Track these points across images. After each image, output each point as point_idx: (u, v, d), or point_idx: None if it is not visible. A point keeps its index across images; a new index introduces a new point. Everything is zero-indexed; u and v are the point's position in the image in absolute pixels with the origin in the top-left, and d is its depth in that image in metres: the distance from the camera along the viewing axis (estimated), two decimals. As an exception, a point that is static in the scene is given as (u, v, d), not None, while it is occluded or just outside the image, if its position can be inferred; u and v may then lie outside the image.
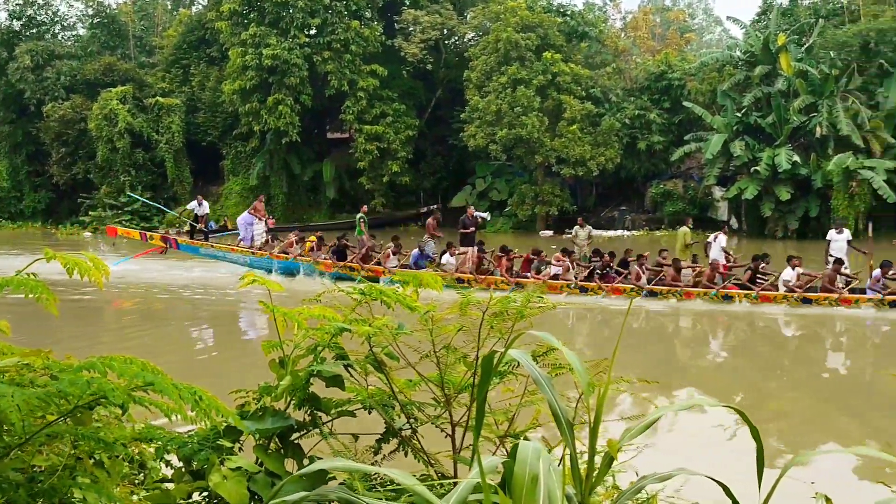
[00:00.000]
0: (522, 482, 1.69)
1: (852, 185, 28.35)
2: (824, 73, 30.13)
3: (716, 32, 62.17)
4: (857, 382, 11.17)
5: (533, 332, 2.47)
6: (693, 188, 32.65)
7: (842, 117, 28.95)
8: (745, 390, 10.18)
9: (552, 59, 31.94)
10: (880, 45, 30.28)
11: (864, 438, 8.10)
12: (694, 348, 14.40)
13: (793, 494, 3.94)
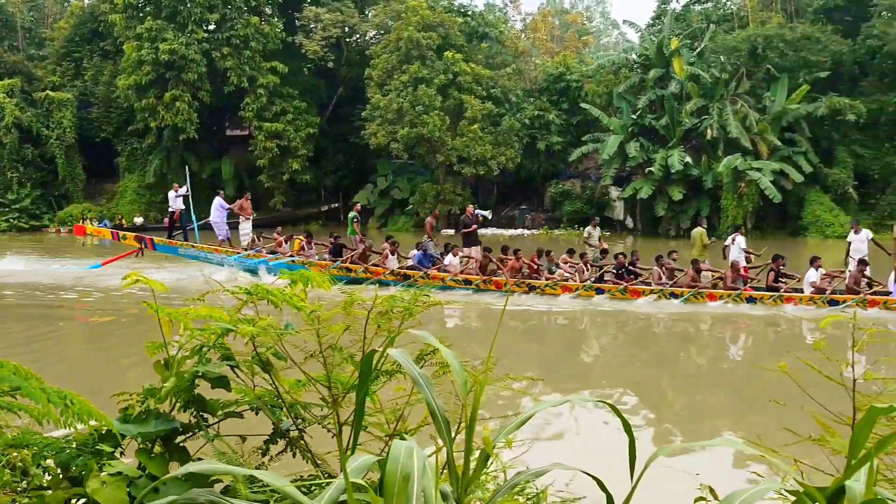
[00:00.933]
0: (394, 481, 1.72)
1: (741, 185, 30.13)
2: (715, 76, 32.01)
3: (613, 35, 64.94)
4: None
5: (414, 332, 2.52)
6: (591, 188, 33.99)
7: (731, 120, 30.75)
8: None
9: (453, 59, 32.98)
10: (767, 51, 32.30)
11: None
12: (705, 352, 13.57)
13: (678, 485, 4.16)
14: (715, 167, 30.30)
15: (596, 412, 8.18)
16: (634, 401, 9.45)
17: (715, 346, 13.87)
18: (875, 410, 1.69)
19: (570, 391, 9.86)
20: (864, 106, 31.44)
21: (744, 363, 11.97)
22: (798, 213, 31.38)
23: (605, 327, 15.00)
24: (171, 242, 20.31)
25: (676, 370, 11.55)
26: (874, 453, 1.62)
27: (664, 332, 14.51)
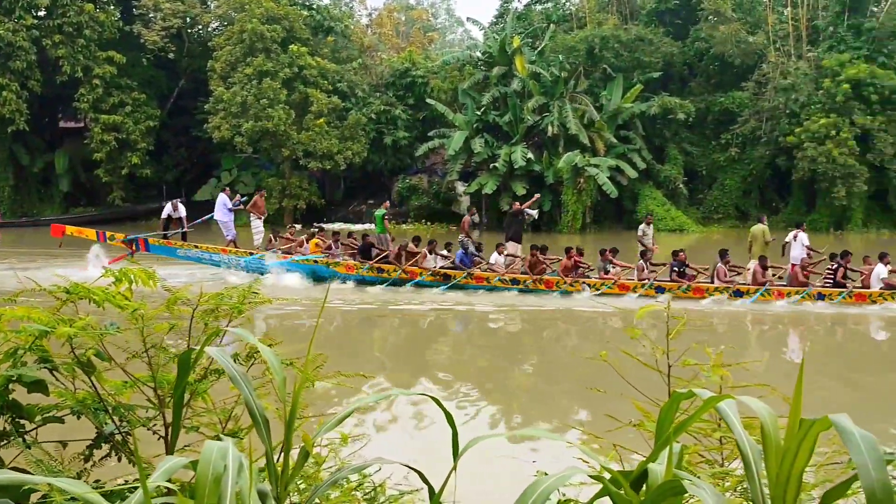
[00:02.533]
0: (205, 482, 1.72)
1: (580, 181, 32.77)
2: (555, 75, 34.48)
3: (458, 32, 68.02)
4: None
5: (233, 329, 2.56)
6: (437, 183, 35.87)
7: (571, 117, 33.32)
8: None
9: (298, 52, 34.18)
10: (603, 51, 35.13)
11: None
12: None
13: (517, 474, 4.60)
14: (556, 163, 32.52)
15: (461, 407, 8.58)
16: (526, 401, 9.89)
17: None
18: (677, 396, 1.77)
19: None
20: (693, 105, 34.86)
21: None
22: (633, 208, 34.31)
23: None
24: (167, 243, 19.38)
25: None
26: (673, 436, 1.69)
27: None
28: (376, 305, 16.14)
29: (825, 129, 31.93)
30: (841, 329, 15.04)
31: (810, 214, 33.75)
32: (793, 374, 8.45)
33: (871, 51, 33.91)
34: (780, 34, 36.14)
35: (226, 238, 19.96)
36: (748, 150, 35.21)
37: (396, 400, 8.36)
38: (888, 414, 8.68)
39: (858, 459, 1.45)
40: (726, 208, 35.52)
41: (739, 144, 35.30)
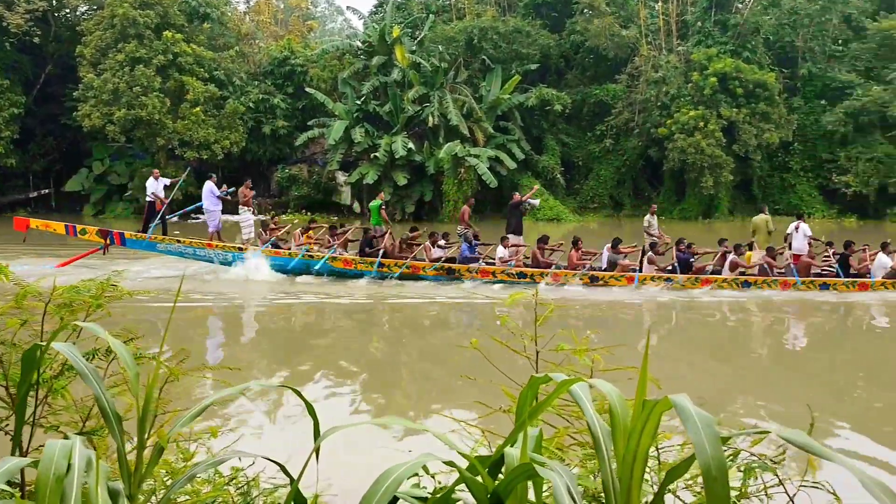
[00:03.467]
0: (47, 481, 1.69)
1: (460, 171, 33.98)
2: (435, 65, 35.50)
3: (338, 21, 68.81)
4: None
5: (82, 324, 2.52)
6: (318, 173, 36.43)
7: (451, 108, 34.44)
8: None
9: (173, 39, 34.04)
10: (482, 42, 36.42)
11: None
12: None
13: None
14: (436, 153, 33.55)
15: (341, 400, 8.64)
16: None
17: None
18: (535, 380, 1.80)
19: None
20: (569, 97, 36.63)
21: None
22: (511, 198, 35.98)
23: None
24: (145, 237, 18.13)
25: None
26: (528, 420, 1.72)
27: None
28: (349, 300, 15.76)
29: (694, 121, 34.02)
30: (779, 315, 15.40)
31: (680, 203, 36.01)
32: (686, 360, 9.76)
33: (736, 46, 36.30)
34: (652, 28, 38.31)
35: (209, 229, 19.02)
36: (622, 141, 37.17)
37: (286, 394, 8.25)
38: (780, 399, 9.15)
39: (695, 438, 1.50)
40: (602, 198, 37.47)
41: (614, 136, 37.24)
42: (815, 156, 37.22)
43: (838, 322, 14.88)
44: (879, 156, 35.58)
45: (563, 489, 1.59)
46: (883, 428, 7.93)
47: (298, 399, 2.22)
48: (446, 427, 2.19)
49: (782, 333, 13.92)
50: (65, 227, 18.31)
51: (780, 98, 35.71)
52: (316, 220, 19.69)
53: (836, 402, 8.84)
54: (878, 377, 10.33)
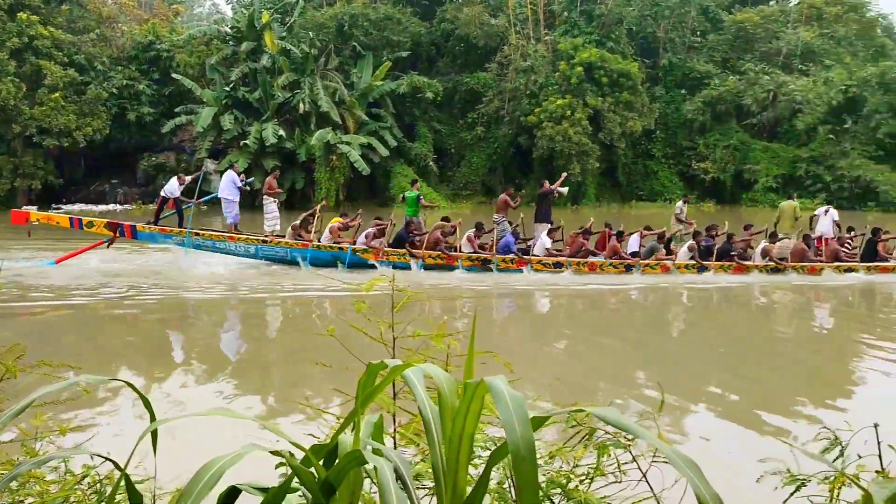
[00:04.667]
0: None
1: (332, 158, 34.96)
2: (305, 52, 35.90)
3: (205, 6, 68.81)
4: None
5: None
6: (186, 161, 36.99)
7: (322, 95, 35.24)
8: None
9: (28, 21, 33.52)
10: (353, 29, 37.17)
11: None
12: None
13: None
14: (308, 140, 34.20)
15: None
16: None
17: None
18: (372, 367, 1.82)
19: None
20: (441, 85, 38.16)
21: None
22: (386, 185, 37.21)
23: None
24: (160, 230, 17.69)
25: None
26: (360, 408, 1.76)
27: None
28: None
29: (561, 110, 36.05)
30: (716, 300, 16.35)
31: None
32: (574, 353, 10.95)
33: (600, 36, 38.58)
34: (521, 18, 40.19)
35: (226, 220, 18.65)
36: (493, 129, 38.85)
37: (158, 391, 8.34)
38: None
39: (506, 417, 1.54)
40: (474, 185, 39.29)
41: (485, 123, 38.97)
42: (675, 143, 40.05)
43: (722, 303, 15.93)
44: (735, 143, 38.72)
45: (390, 474, 1.63)
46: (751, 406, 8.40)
47: (169, 396, 2.58)
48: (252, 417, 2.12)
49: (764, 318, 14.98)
50: (69, 220, 17.79)
51: (643, 87, 38.20)
52: (347, 214, 19.03)
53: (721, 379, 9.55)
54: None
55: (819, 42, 42.12)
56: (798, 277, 17.21)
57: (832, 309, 15.36)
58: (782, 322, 14.25)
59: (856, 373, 9.97)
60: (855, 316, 14.56)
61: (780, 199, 36.44)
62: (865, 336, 12.07)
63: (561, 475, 2.36)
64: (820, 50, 41.78)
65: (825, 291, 16.60)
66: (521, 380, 2.31)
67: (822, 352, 11.48)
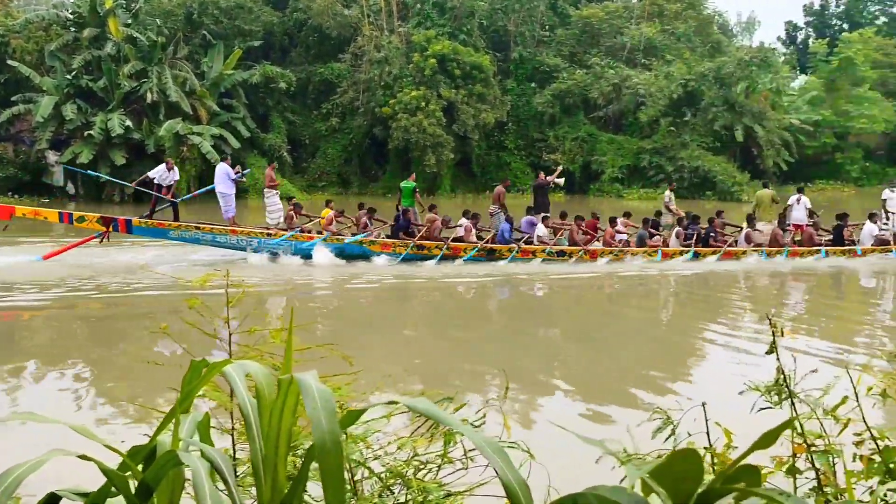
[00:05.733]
0: None
1: (183, 149, 34.78)
2: (152, 40, 35.26)
3: None
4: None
5: None
6: (25, 152, 35.58)
7: (171, 84, 34.79)
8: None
9: None
10: (202, 17, 36.91)
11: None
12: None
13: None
14: (157, 131, 33.76)
15: None
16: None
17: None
18: (195, 364, 1.81)
19: None
20: (294, 75, 38.75)
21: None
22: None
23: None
24: (156, 224, 17.63)
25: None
26: (179, 407, 1.76)
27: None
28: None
29: (416, 101, 37.25)
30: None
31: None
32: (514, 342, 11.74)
33: (453, 28, 40.07)
34: (374, 9, 41.13)
35: (224, 215, 18.70)
36: (348, 120, 39.62)
37: None
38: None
39: (312, 412, 1.58)
40: (329, 176, 40.12)
41: (340, 114, 39.73)
42: (527, 135, 42.08)
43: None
44: (583, 135, 41.12)
45: (204, 473, 1.62)
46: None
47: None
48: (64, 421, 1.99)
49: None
50: (58, 215, 17.56)
51: (495, 80, 40.00)
52: (374, 209, 19.34)
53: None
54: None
55: (660, 38, 45.05)
56: (785, 262, 18.66)
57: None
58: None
59: (703, 351, 11.19)
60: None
61: (625, 190, 39.59)
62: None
63: (402, 465, 2.42)
64: (661, 45, 44.72)
65: (805, 274, 18.22)
66: (384, 370, 2.91)
67: (687, 333, 12.82)
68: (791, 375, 2.46)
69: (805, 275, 18.03)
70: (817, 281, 17.82)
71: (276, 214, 19.05)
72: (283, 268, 17.14)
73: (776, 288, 17.37)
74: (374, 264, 17.48)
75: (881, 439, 2.37)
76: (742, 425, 2.44)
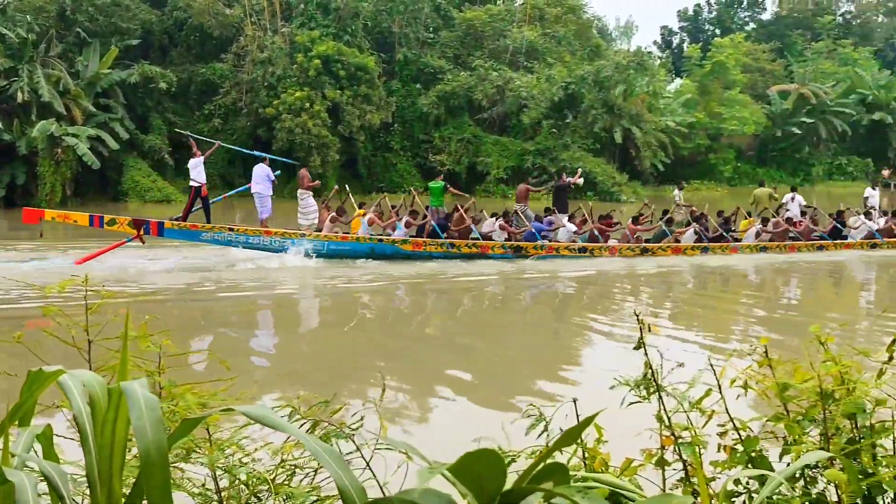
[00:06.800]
0: None
1: (57, 151, 33.85)
2: (22, 37, 34.43)
3: None
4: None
5: None
6: None
7: (43, 83, 33.86)
8: None
9: None
10: (76, 14, 36.18)
11: None
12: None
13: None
14: (29, 132, 33.05)
15: None
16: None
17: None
18: (31, 375, 1.73)
19: None
20: (175, 75, 38.54)
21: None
22: (118, 179, 36.80)
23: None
24: (189, 226, 17.76)
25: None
26: (9, 420, 1.70)
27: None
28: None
29: (300, 102, 37.47)
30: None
31: (291, 182, 39.45)
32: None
33: (337, 29, 40.53)
34: (257, 8, 41.22)
35: (260, 215, 18.96)
36: (231, 121, 39.42)
37: None
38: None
39: (137, 423, 1.56)
40: (212, 178, 40.07)
41: (223, 115, 39.55)
42: (412, 136, 42.96)
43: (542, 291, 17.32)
44: (468, 136, 42.32)
45: (30, 490, 1.58)
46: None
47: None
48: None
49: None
50: (88, 218, 17.60)
51: (380, 81, 40.60)
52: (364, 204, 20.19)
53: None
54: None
55: (542, 41, 46.74)
56: (787, 256, 20.13)
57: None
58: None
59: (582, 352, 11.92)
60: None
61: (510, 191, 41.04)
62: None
63: (271, 471, 2.40)
64: (543, 49, 46.41)
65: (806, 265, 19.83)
66: (259, 376, 2.94)
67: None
68: (658, 370, 2.53)
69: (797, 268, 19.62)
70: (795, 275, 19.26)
71: (312, 216, 19.35)
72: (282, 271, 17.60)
73: (753, 283, 18.64)
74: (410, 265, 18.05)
75: (743, 429, 2.50)
76: (621, 419, 2.62)
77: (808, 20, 71.14)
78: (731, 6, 75.35)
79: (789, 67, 59.40)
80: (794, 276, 19.09)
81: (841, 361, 2.43)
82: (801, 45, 64.83)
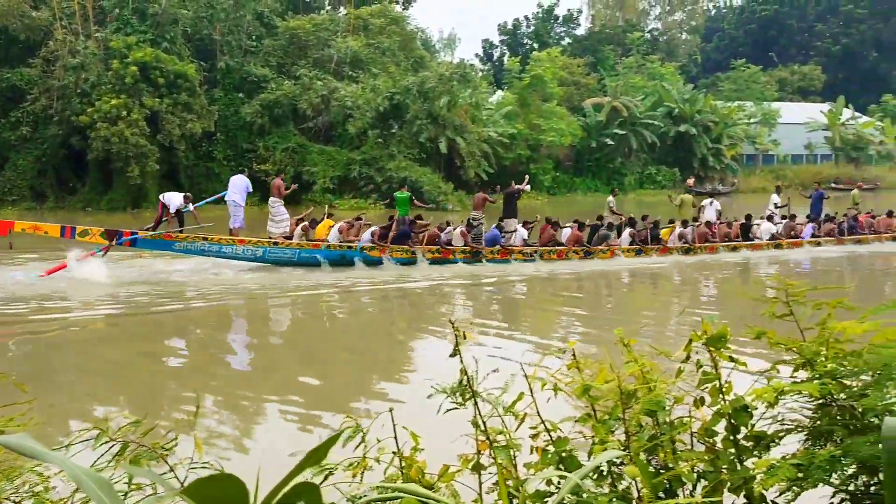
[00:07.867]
0: None
1: None
2: None
3: None
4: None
5: None
6: None
7: None
8: None
9: None
10: None
11: None
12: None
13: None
14: None
15: None
16: None
17: None
18: None
19: None
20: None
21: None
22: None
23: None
24: (163, 236, 18.05)
25: None
26: None
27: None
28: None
29: (117, 110, 36.41)
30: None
31: (108, 194, 38.79)
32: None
33: (155, 35, 39.87)
34: (67, 12, 40.01)
35: (232, 224, 19.28)
36: (41, 129, 37.84)
37: None
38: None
39: None
40: (21, 189, 38.36)
41: (31, 123, 37.95)
42: (236, 145, 42.63)
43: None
44: (293, 146, 42.52)
45: None
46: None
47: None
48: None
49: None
50: (60, 229, 17.53)
51: (202, 89, 40.22)
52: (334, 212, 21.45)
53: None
54: None
55: (366, 51, 47.63)
56: (707, 256, 22.38)
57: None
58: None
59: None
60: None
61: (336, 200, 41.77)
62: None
63: (64, 500, 2.33)
64: (367, 59, 47.30)
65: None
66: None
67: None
68: (474, 377, 2.56)
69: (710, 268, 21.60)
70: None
71: (283, 224, 19.76)
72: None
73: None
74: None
75: (554, 431, 2.57)
76: (441, 426, 2.70)
77: (620, 36, 75.97)
78: (548, 21, 79.18)
79: (602, 81, 63.00)
80: (705, 273, 21.08)
81: (641, 361, 2.57)
82: (613, 60, 69.10)
